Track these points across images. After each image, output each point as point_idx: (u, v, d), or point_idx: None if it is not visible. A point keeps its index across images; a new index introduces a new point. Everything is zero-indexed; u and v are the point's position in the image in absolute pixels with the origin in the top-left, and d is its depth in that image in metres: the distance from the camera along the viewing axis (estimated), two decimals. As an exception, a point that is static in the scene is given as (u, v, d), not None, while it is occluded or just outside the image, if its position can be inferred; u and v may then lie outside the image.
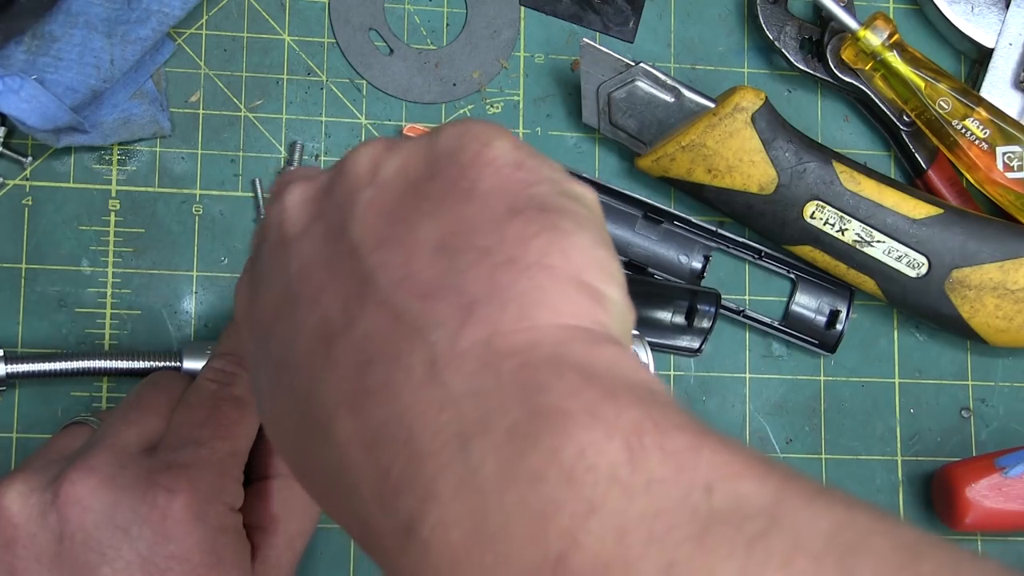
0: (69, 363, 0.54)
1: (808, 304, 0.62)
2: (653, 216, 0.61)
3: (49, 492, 0.45)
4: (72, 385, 0.57)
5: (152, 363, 0.55)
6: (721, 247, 0.62)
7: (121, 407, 0.50)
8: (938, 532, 0.63)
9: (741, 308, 0.61)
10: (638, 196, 0.60)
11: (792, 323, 0.62)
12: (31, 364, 0.54)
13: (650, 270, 0.61)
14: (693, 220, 0.60)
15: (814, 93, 0.65)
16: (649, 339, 0.57)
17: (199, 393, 0.49)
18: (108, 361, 0.54)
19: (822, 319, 0.62)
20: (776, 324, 0.62)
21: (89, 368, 0.54)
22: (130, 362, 0.55)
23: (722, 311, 0.61)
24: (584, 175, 0.60)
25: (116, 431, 0.47)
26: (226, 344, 0.53)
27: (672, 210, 0.60)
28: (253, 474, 0.50)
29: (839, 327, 0.61)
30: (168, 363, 0.55)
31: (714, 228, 0.60)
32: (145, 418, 0.49)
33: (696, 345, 0.59)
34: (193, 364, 0.55)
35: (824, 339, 0.62)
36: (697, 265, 0.61)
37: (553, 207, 0.33)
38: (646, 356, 0.57)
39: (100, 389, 0.57)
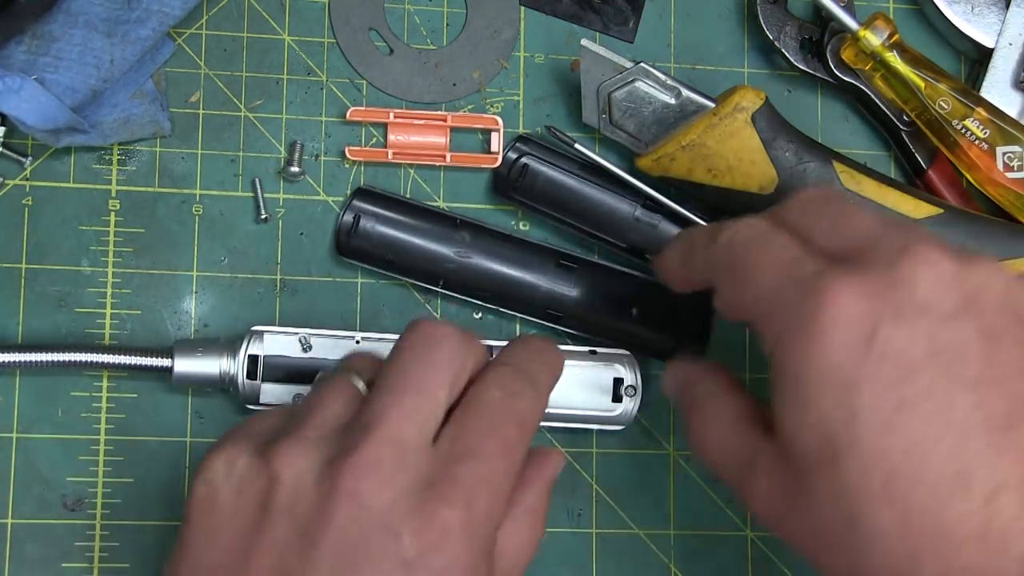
0: (55, 355, 0.54)
1: None
2: (652, 204, 0.61)
3: (326, 477, 0.43)
4: (72, 385, 0.57)
5: (141, 359, 0.55)
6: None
7: (393, 388, 0.45)
8: (938, 532, 0.63)
9: None
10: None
11: None
12: (15, 355, 0.54)
13: (647, 256, 0.61)
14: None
15: (814, 93, 0.65)
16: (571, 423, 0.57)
17: (481, 400, 0.47)
18: (95, 355, 0.55)
19: None
20: None
21: (75, 360, 0.54)
22: (118, 356, 0.55)
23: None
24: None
25: (396, 422, 0.44)
26: (510, 354, 0.50)
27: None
28: None
29: None
30: (159, 360, 0.55)
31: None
32: (423, 407, 0.45)
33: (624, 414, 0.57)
34: (184, 362, 0.55)
35: None
36: None
37: None
38: (635, 378, 0.57)
39: (100, 389, 0.57)
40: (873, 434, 0.41)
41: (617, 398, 0.56)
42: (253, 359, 0.56)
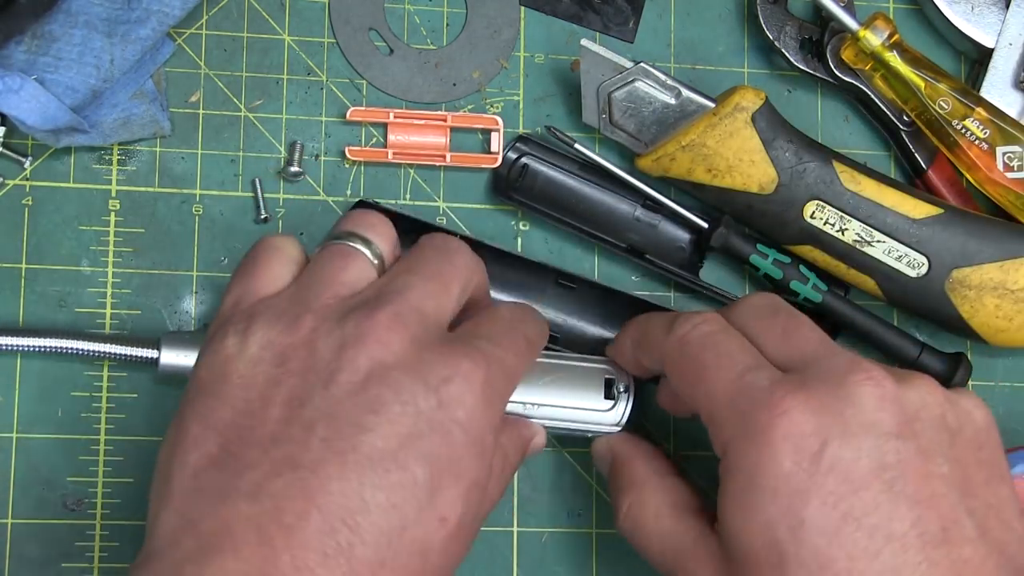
0: (42, 340, 0.54)
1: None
2: (652, 204, 0.61)
3: (350, 324, 0.45)
4: (72, 385, 0.57)
5: (129, 348, 0.55)
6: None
7: (416, 271, 0.48)
8: (938, 532, 0.63)
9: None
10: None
11: None
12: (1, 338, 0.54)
13: (648, 256, 0.61)
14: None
15: (814, 93, 0.65)
16: (563, 427, 0.56)
17: (497, 313, 0.50)
18: (83, 342, 0.54)
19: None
20: None
21: (62, 347, 0.54)
22: (106, 345, 0.55)
23: (721, 299, 0.61)
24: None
25: (417, 296, 0.47)
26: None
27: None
28: None
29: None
30: (146, 350, 0.55)
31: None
32: (442, 295, 0.48)
33: (617, 419, 0.57)
34: (171, 354, 0.54)
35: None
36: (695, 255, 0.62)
37: None
38: (627, 377, 0.57)
39: (100, 389, 0.57)
40: (819, 543, 0.44)
41: (610, 396, 0.56)
42: None
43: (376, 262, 0.49)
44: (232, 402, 0.44)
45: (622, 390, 0.56)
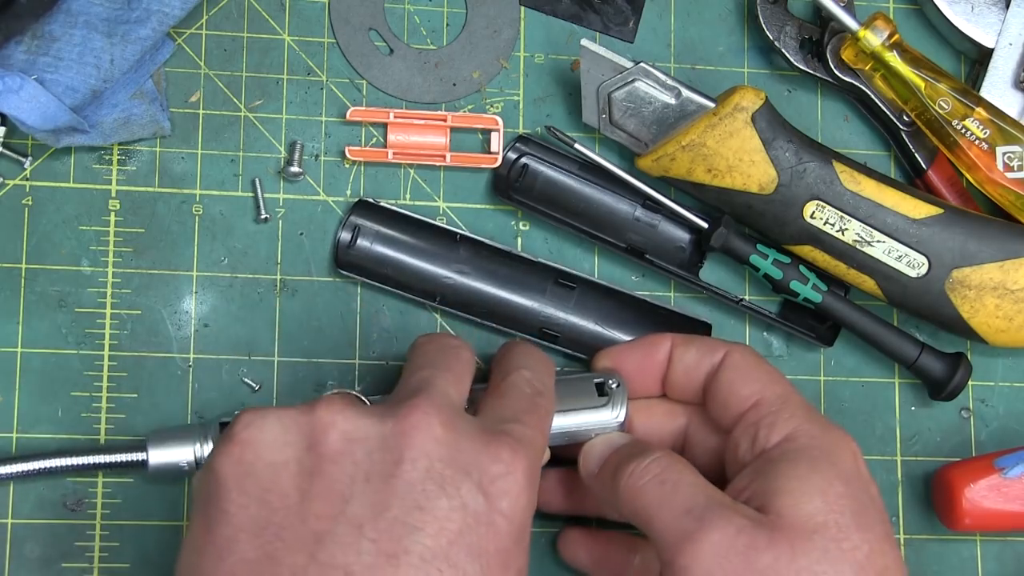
0: (25, 465, 0.54)
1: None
2: (652, 204, 0.61)
3: (390, 421, 0.43)
4: (72, 385, 0.57)
5: (116, 456, 0.54)
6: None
7: (430, 365, 0.48)
8: (937, 532, 0.63)
9: (740, 298, 0.61)
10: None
11: (789, 316, 0.62)
12: None
13: (648, 256, 0.61)
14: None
15: (814, 93, 0.65)
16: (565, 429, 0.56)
17: (514, 386, 0.50)
18: (69, 459, 0.54)
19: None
20: (773, 316, 0.62)
21: (47, 468, 0.54)
22: (93, 457, 0.54)
23: (721, 299, 0.61)
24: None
25: (443, 385, 0.47)
26: (513, 359, 0.53)
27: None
28: None
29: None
30: (134, 455, 0.54)
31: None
32: (458, 382, 0.48)
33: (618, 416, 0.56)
34: (159, 452, 0.53)
35: (821, 331, 0.62)
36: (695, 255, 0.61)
37: None
38: (617, 376, 0.57)
39: (100, 389, 0.57)
40: None
41: (603, 394, 0.56)
42: (226, 425, 0.54)
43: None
44: (262, 496, 0.42)
45: (614, 387, 0.56)
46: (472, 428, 0.45)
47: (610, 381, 0.56)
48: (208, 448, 0.54)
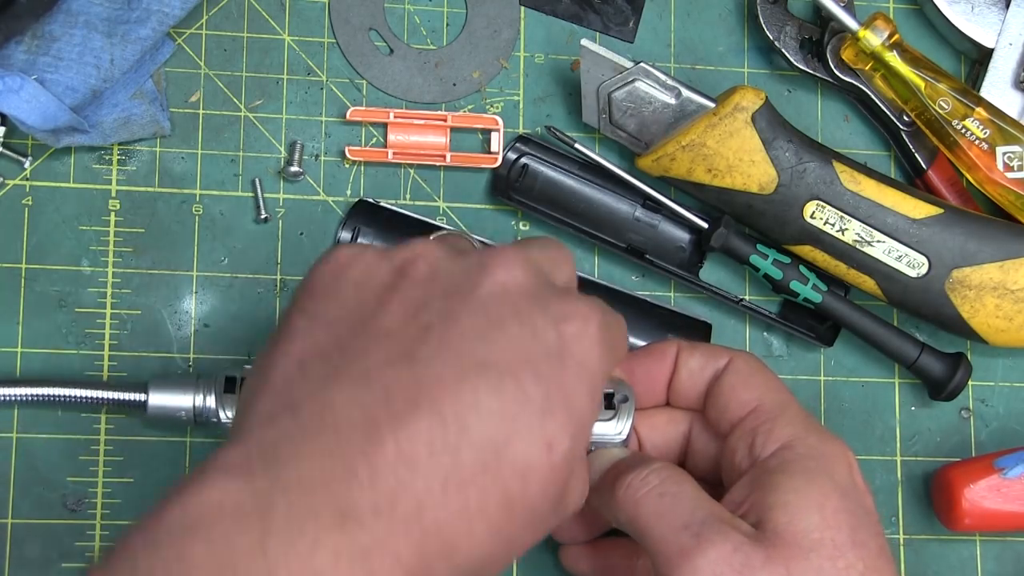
0: (27, 389, 0.54)
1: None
2: (652, 204, 0.61)
3: (476, 256, 0.44)
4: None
5: (117, 393, 0.54)
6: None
7: (534, 245, 0.48)
8: (937, 532, 0.63)
9: (740, 298, 0.61)
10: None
11: (789, 316, 0.62)
12: None
13: (648, 256, 0.61)
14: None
15: (814, 93, 0.65)
16: None
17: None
18: (70, 389, 0.54)
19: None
20: (773, 316, 0.62)
21: (49, 395, 0.54)
22: (95, 391, 0.55)
23: (721, 299, 0.61)
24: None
25: (536, 255, 0.46)
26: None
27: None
28: None
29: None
30: (135, 394, 0.54)
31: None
32: (555, 265, 0.47)
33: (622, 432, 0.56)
34: (160, 396, 0.54)
35: (821, 331, 0.62)
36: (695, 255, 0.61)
37: None
38: (627, 388, 0.56)
39: (100, 389, 0.57)
40: None
41: (610, 407, 0.55)
42: (231, 380, 0.54)
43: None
44: (344, 301, 0.43)
45: (622, 401, 0.56)
46: (553, 284, 0.45)
47: (618, 395, 0.56)
48: (210, 400, 0.54)
